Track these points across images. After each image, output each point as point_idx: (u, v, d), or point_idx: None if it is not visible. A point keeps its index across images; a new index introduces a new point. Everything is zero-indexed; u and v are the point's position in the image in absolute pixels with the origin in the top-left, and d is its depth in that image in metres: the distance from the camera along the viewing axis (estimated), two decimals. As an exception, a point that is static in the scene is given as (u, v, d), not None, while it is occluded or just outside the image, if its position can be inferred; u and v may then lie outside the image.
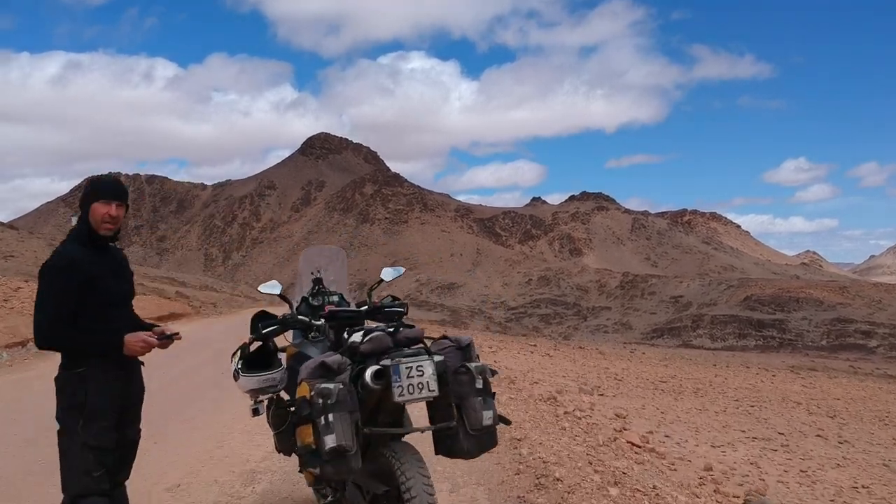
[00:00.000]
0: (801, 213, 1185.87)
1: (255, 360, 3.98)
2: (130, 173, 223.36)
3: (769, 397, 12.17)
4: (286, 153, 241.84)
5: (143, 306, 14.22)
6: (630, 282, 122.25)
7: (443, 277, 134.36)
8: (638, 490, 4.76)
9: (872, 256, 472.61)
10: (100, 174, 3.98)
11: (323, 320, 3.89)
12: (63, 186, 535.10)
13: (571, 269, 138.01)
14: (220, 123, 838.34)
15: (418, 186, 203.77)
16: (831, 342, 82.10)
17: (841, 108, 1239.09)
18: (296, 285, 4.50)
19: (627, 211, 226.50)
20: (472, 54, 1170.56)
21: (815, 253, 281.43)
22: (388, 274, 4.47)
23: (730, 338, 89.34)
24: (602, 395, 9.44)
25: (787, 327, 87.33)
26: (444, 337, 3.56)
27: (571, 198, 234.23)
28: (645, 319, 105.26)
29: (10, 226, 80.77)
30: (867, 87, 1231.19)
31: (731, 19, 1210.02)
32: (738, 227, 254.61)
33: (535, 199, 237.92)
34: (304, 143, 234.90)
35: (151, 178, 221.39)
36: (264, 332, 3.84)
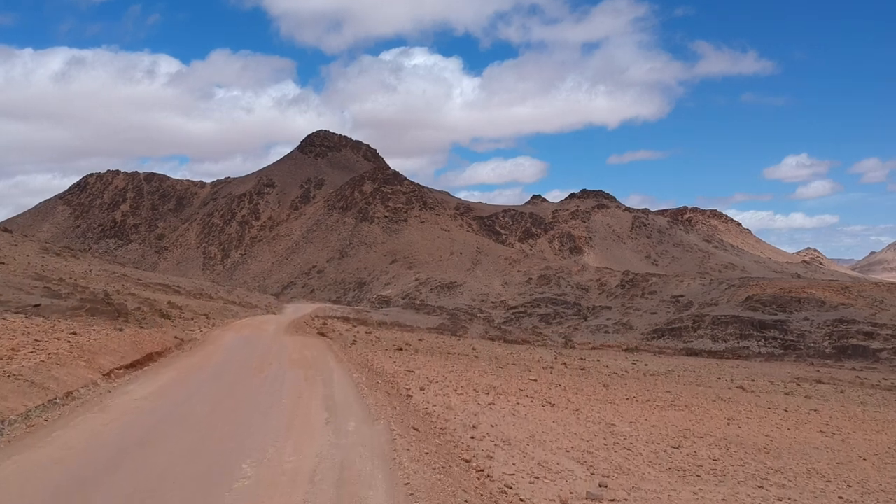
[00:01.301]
0: (802, 210, 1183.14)
1: None
2: (129, 171, 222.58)
3: (793, 468, 11.14)
4: (288, 149, 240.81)
5: (116, 349, 12.99)
6: (630, 281, 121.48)
7: (442, 276, 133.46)
8: None
9: (873, 253, 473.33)
10: None
11: None
12: (65, 183, 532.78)
13: (572, 268, 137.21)
14: (222, 120, 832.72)
15: (418, 184, 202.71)
16: (833, 343, 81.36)
17: (843, 104, 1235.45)
18: None
19: (628, 209, 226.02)
20: (474, 50, 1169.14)
21: (815, 250, 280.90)
22: None
23: (731, 339, 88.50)
24: (613, 500, 8.49)
25: (789, 328, 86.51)
26: None
27: (572, 195, 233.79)
28: (645, 319, 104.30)
29: (4, 228, 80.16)
30: (869, 84, 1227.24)
31: (734, 16, 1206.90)
32: (739, 224, 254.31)
33: (535, 197, 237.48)
34: (303, 140, 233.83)
35: (150, 176, 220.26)
36: None
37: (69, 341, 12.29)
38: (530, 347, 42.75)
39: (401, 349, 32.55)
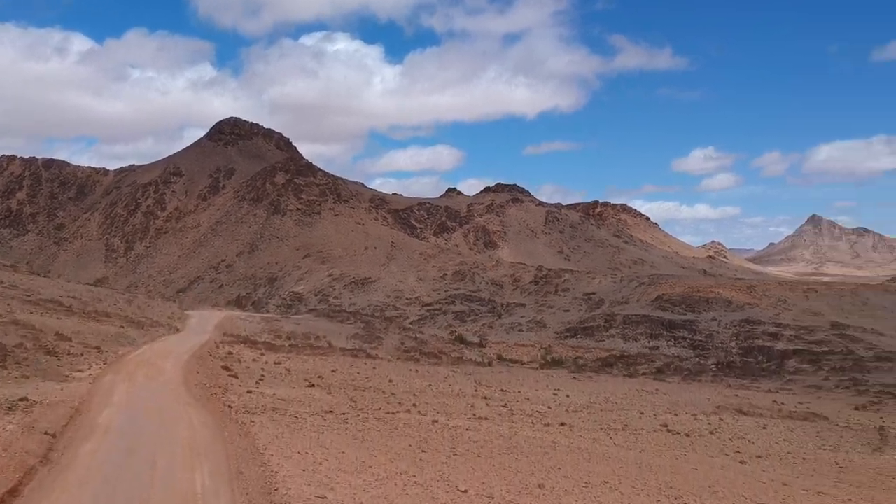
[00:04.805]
0: (706, 201, 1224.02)
1: None
2: (26, 157, 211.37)
3: None
4: (201, 132, 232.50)
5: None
6: (544, 277, 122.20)
7: (356, 272, 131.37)
8: None
9: (772, 244, 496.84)
10: None
11: None
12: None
13: (486, 264, 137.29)
14: (134, 101, 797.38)
15: (332, 176, 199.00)
16: (740, 344, 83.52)
17: (750, 98, 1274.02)
18: None
19: (542, 203, 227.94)
20: (397, 38, 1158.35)
21: (719, 243, 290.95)
22: None
23: (642, 338, 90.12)
24: None
25: (698, 328, 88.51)
26: None
27: (486, 189, 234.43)
28: (559, 317, 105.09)
29: None
30: (777, 77, 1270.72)
31: (652, 12, 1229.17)
32: (647, 218, 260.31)
33: (451, 190, 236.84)
34: (212, 127, 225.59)
35: (49, 162, 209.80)
36: None
37: None
38: (448, 372, 41.66)
39: (312, 385, 31.28)
